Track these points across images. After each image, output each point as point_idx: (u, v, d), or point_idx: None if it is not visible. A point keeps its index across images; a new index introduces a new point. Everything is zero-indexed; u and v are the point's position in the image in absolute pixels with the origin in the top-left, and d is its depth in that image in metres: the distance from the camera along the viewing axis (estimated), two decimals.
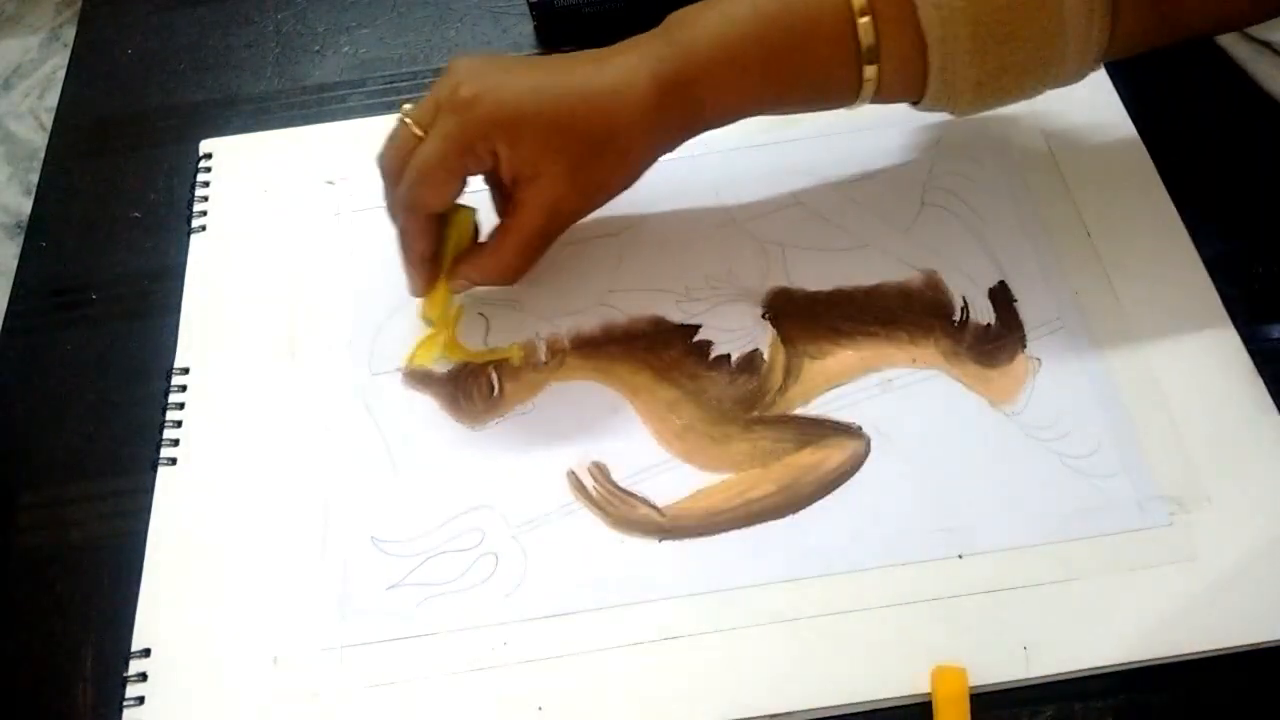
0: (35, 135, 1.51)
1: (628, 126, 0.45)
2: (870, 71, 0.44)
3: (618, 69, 0.45)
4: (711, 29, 0.44)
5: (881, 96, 0.46)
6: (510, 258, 0.47)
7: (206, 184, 0.56)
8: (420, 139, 0.45)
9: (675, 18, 0.46)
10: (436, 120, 0.45)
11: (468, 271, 0.48)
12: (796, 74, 0.45)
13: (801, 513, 0.44)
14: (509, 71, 0.45)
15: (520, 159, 0.44)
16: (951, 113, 0.47)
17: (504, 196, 0.48)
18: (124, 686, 0.42)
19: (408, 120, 0.46)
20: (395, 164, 0.46)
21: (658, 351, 0.49)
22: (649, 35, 0.46)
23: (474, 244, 0.49)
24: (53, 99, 1.02)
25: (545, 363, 0.49)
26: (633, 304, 0.50)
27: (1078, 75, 0.46)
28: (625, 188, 0.47)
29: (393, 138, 0.47)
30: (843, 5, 0.43)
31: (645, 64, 0.44)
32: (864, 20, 0.43)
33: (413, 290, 0.49)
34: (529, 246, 0.47)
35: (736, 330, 0.49)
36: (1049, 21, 0.43)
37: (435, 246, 0.48)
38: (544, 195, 0.45)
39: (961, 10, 0.42)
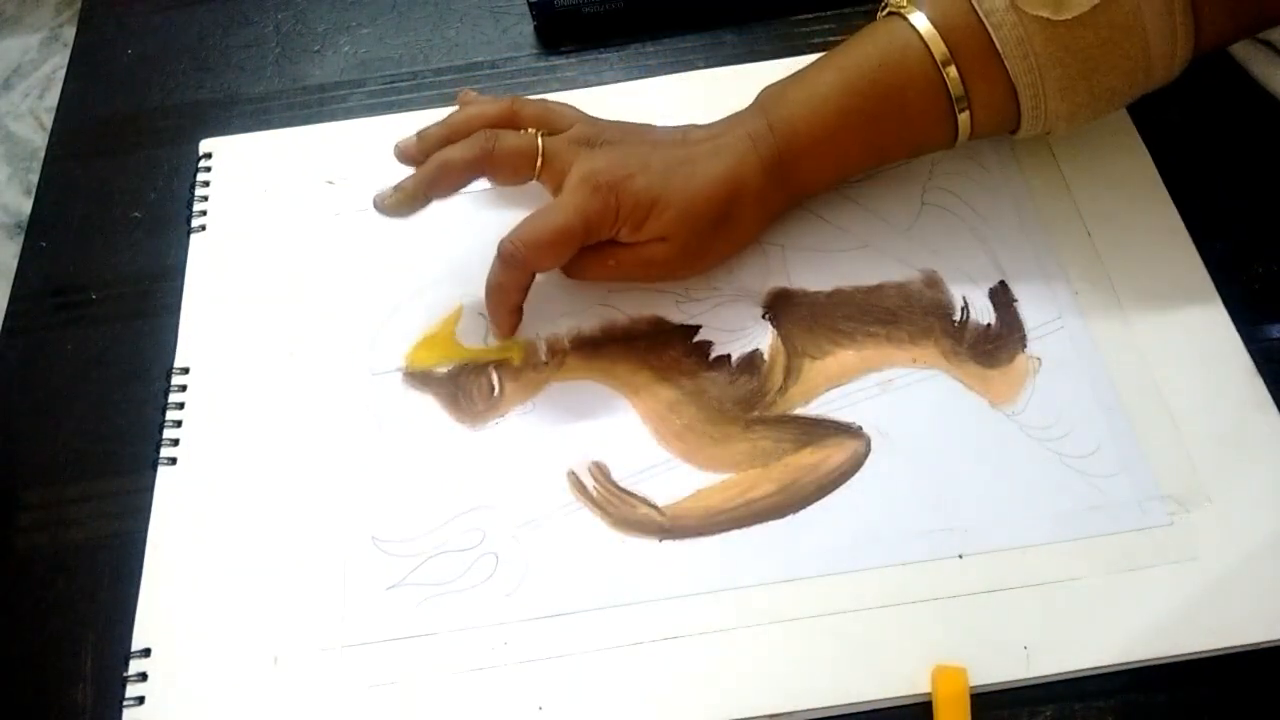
0: (35, 135, 1.51)
1: (741, 209, 0.47)
2: (964, 118, 0.46)
3: (733, 155, 0.46)
4: (805, 111, 0.46)
5: (977, 137, 0.47)
6: (596, 277, 0.49)
7: (206, 184, 0.56)
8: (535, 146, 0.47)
9: (770, 97, 0.48)
10: (574, 189, 0.45)
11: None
12: (892, 135, 0.47)
13: (801, 513, 0.44)
14: (639, 152, 0.46)
15: (645, 235, 0.46)
16: (1048, 134, 0.48)
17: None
18: (124, 686, 0.42)
19: (539, 139, 0.47)
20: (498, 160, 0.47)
21: (658, 351, 0.49)
22: (750, 114, 0.47)
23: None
24: (53, 99, 1.02)
25: (545, 363, 0.49)
26: (633, 304, 0.50)
27: (1166, 82, 0.47)
28: (725, 260, 0.50)
29: (508, 141, 0.47)
30: (926, 60, 0.44)
31: (754, 149, 0.46)
32: (950, 70, 0.44)
33: (502, 332, 0.49)
34: (613, 278, 0.49)
35: (736, 330, 0.49)
36: (1134, 48, 0.43)
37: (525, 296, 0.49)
38: (656, 257, 0.47)
39: (1047, 55, 0.43)
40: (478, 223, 0.53)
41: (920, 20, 0.44)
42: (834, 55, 0.47)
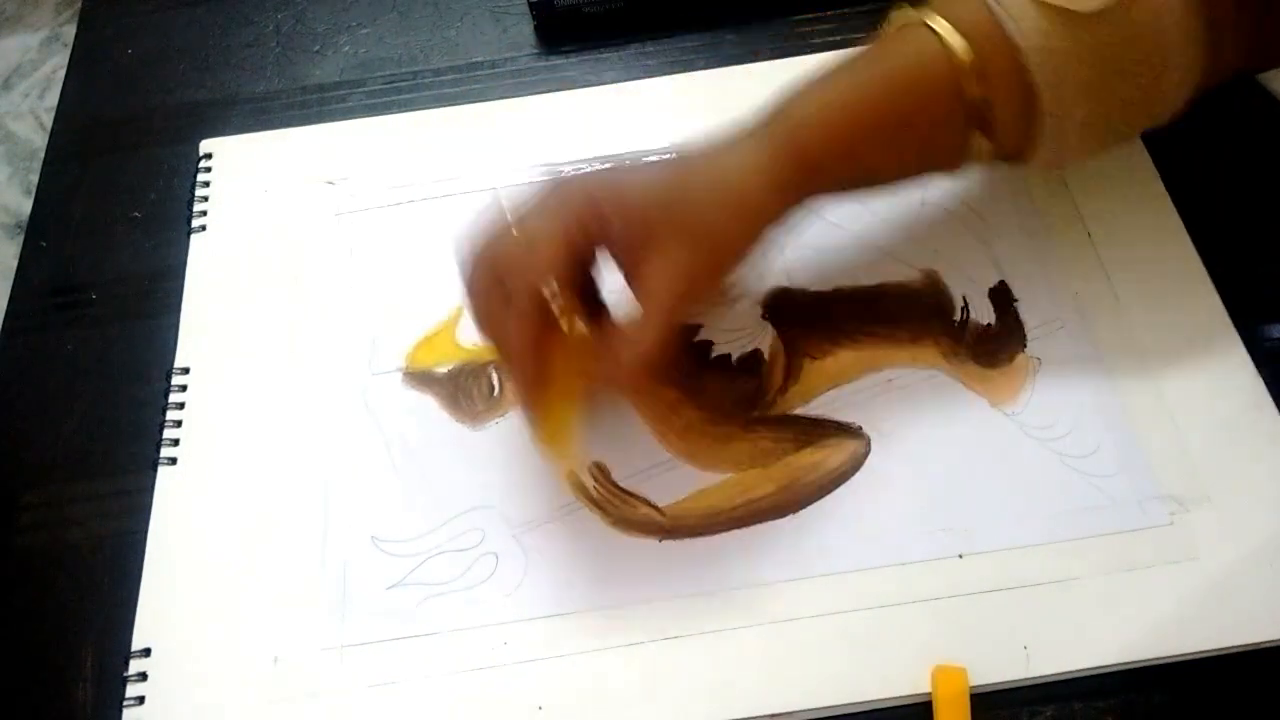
0: (35, 135, 1.51)
1: (738, 177, 0.42)
2: (977, 138, 0.43)
3: (723, 141, 0.43)
4: (811, 100, 0.43)
5: (992, 157, 0.44)
6: (648, 335, 0.40)
7: (206, 184, 0.56)
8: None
9: (781, 95, 0.44)
10: (543, 198, 0.42)
11: (599, 369, 0.42)
12: (906, 145, 0.44)
13: (801, 513, 0.44)
14: (610, 170, 0.45)
15: (631, 222, 0.41)
16: (1056, 165, 0.45)
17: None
18: (124, 686, 0.42)
19: (503, 203, 0.42)
20: (486, 252, 0.42)
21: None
22: (757, 125, 0.43)
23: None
24: (53, 99, 1.02)
25: None
26: (633, 304, 0.50)
27: (1171, 115, 0.44)
28: (746, 247, 0.42)
29: (482, 223, 0.42)
30: (946, 69, 0.41)
31: (750, 132, 0.43)
32: (970, 78, 0.41)
33: (525, 401, 0.43)
34: (664, 319, 0.41)
35: (736, 330, 0.49)
36: (1153, 54, 0.41)
37: (538, 334, 0.41)
38: (666, 269, 0.41)
39: (1070, 53, 0.41)
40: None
41: (943, 26, 0.41)
42: (848, 65, 0.43)
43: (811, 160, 0.42)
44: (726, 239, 0.42)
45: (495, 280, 0.41)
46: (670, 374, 0.48)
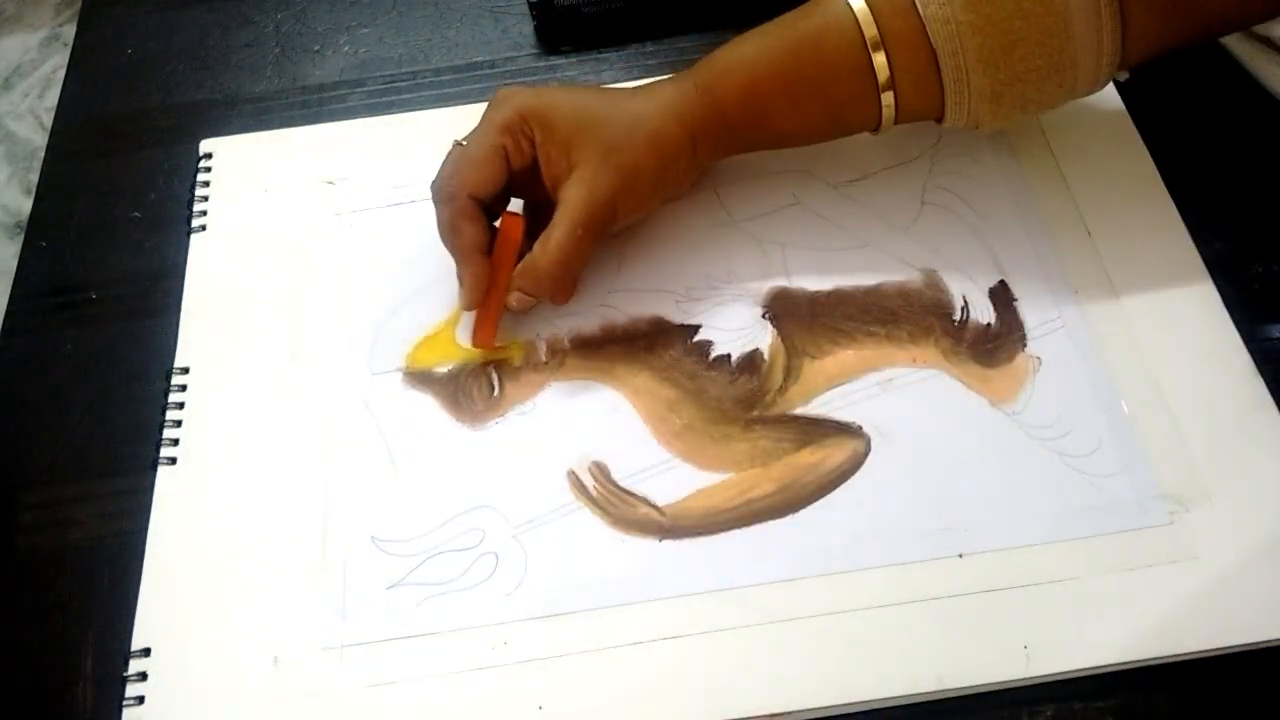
0: (35, 135, 1.51)
1: (658, 117, 0.47)
2: (888, 98, 0.46)
3: (646, 86, 0.48)
4: (730, 75, 0.47)
5: (903, 119, 0.47)
6: (557, 254, 0.46)
7: (206, 184, 0.56)
8: None
9: (702, 60, 0.48)
10: (488, 117, 0.47)
11: (520, 281, 0.47)
12: (815, 111, 0.47)
13: (801, 513, 0.44)
14: (547, 87, 0.49)
15: (555, 146, 0.46)
16: (978, 128, 0.47)
17: (546, 216, 0.47)
18: (124, 686, 0.42)
19: (460, 141, 0.48)
20: (441, 169, 0.48)
21: (658, 351, 0.49)
22: (682, 74, 0.48)
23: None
24: (53, 99, 1.02)
25: (545, 363, 0.49)
26: (633, 304, 0.50)
27: (1096, 82, 0.46)
28: (663, 183, 0.48)
29: (445, 161, 0.48)
30: (855, 41, 0.45)
31: (670, 81, 0.48)
32: (879, 56, 0.44)
33: (466, 300, 0.48)
34: (573, 240, 0.46)
35: (736, 330, 0.49)
36: (1055, 25, 0.43)
37: (486, 236, 0.47)
38: (582, 182, 0.46)
39: (967, 24, 0.43)
40: None
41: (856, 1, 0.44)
42: (769, 26, 0.47)
43: (723, 114, 0.47)
44: (637, 170, 0.47)
45: (445, 194, 0.47)
46: (670, 374, 0.48)
